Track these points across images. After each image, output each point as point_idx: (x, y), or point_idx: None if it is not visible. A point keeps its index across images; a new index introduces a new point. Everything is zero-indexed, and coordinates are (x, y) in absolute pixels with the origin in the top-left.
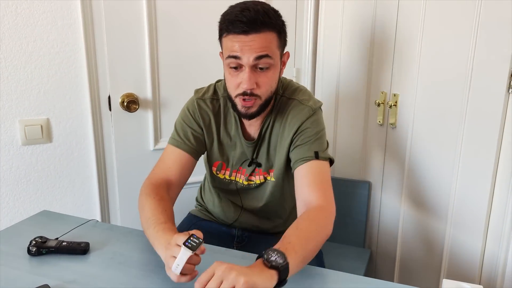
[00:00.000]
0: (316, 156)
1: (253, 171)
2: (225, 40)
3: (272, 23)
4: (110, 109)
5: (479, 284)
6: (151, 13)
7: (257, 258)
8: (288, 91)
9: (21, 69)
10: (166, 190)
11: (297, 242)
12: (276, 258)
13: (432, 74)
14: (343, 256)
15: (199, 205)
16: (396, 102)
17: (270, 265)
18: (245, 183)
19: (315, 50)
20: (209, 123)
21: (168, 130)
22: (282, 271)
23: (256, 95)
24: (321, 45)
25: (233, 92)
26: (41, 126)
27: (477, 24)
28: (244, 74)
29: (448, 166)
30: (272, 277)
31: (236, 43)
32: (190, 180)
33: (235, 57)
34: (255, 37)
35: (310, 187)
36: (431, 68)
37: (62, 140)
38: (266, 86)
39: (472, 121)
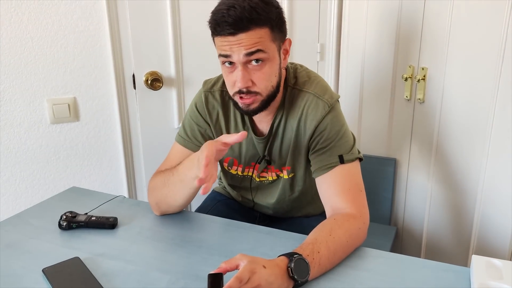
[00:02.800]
0: (341, 160)
1: (265, 167)
2: (216, 40)
3: (261, 19)
4: (134, 87)
5: (510, 261)
6: None
7: (282, 255)
8: (300, 81)
9: (47, 48)
10: None
11: (325, 254)
12: (299, 273)
13: (463, 46)
14: (368, 233)
15: (221, 182)
16: (424, 76)
17: (291, 276)
18: (257, 179)
19: (339, 24)
20: (216, 119)
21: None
22: (300, 284)
23: (255, 92)
24: (346, 18)
25: (230, 90)
26: (69, 105)
27: None
28: (238, 72)
29: (479, 141)
30: (289, 285)
31: (225, 43)
32: None
33: (226, 55)
34: (243, 36)
35: (339, 196)
36: (462, 39)
37: (89, 118)
38: (264, 82)
39: (505, 95)
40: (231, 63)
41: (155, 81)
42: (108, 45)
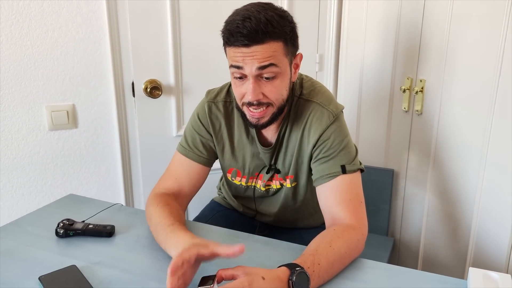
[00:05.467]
0: (343, 170)
1: (271, 176)
2: (228, 50)
3: (276, 32)
4: (133, 95)
5: (507, 273)
6: None
7: (283, 266)
8: (306, 91)
9: (47, 55)
10: (173, 199)
11: (325, 266)
12: (299, 287)
13: (461, 59)
14: (366, 244)
15: (221, 192)
16: (422, 88)
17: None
18: (263, 189)
19: (338, 35)
20: (219, 129)
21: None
22: None
23: (267, 103)
24: (345, 29)
25: (239, 101)
26: (67, 112)
27: (509, 5)
28: (249, 85)
29: (477, 153)
30: None
31: (238, 54)
32: (213, 166)
33: (238, 67)
34: (257, 48)
35: (339, 206)
36: (460, 52)
37: (87, 125)
38: (275, 95)
39: (502, 107)
40: (241, 77)
41: (154, 89)
42: (108, 52)
